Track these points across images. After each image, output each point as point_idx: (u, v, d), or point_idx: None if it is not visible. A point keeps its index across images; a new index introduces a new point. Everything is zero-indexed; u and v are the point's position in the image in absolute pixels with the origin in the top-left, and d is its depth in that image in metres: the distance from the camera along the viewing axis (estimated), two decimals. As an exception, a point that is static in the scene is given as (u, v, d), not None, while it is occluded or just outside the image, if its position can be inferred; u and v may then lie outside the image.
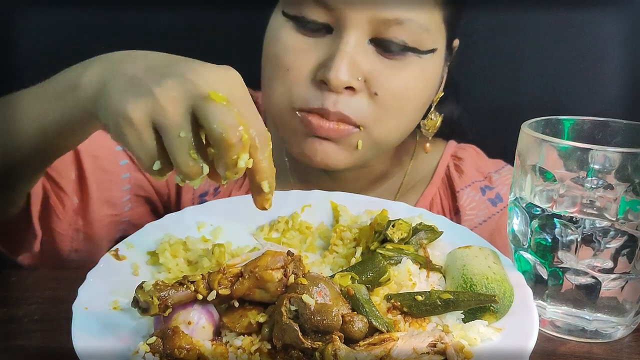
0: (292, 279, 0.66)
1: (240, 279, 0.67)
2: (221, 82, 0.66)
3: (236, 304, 0.68)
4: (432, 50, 0.97)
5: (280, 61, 0.96)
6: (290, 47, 0.95)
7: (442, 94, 1.07)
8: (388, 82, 0.94)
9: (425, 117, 1.07)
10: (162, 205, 1.14)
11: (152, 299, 0.64)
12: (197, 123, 0.65)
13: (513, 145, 0.82)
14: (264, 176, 0.68)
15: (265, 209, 0.70)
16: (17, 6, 1.26)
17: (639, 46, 1.25)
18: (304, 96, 0.95)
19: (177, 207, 1.14)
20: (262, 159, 0.67)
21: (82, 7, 1.28)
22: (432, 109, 1.07)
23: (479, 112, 1.20)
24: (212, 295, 0.67)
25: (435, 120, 1.08)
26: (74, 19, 1.29)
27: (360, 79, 0.93)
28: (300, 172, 1.14)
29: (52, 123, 0.76)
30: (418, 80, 0.97)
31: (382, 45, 0.94)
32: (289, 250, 0.70)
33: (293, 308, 0.63)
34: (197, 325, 0.66)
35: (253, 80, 1.21)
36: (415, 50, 0.95)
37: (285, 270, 0.67)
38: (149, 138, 0.65)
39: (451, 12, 0.99)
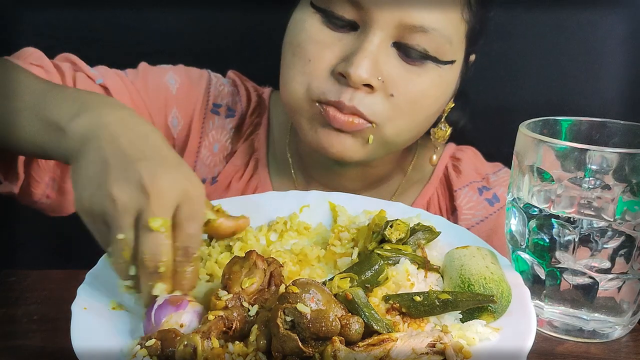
0: (282, 288, 0.66)
1: None
2: (173, 190, 0.69)
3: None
4: (451, 62, 0.98)
5: (302, 51, 0.97)
6: (314, 39, 0.96)
7: (453, 105, 1.08)
8: (405, 85, 0.96)
9: (435, 125, 1.08)
10: None
11: None
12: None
13: (510, 146, 0.83)
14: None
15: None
16: (17, 6, 1.26)
17: (638, 47, 1.25)
18: (322, 88, 0.96)
19: None
20: (183, 272, 0.71)
21: (82, 7, 1.28)
22: (442, 119, 1.08)
23: (476, 113, 1.20)
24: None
25: (445, 130, 1.09)
26: (73, 19, 1.29)
27: (380, 78, 0.94)
28: (301, 164, 1.15)
29: (23, 140, 0.81)
30: (434, 88, 0.99)
31: (404, 50, 0.95)
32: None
33: (288, 318, 0.63)
34: (188, 327, 0.66)
35: (254, 78, 1.23)
36: (435, 60, 0.96)
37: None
38: (103, 227, 0.69)
39: (474, 28, 1.01)
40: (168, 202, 0.68)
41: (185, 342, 0.62)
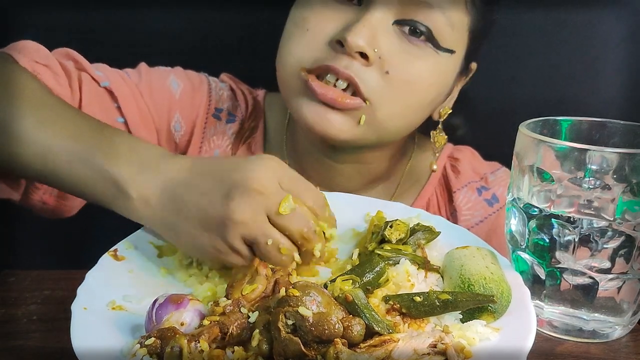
0: (282, 291, 0.66)
1: None
2: (273, 174, 0.76)
3: None
4: (450, 51, 0.98)
5: (303, 22, 0.97)
6: (316, 10, 0.97)
7: (450, 111, 1.07)
8: (401, 64, 0.95)
9: (434, 128, 1.08)
10: None
11: None
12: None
13: (510, 146, 0.83)
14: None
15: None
16: (18, 6, 1.26)
17: (638, 47, 1.25)
18: (316, 55, 0.95)
19: None
20: (327, 218, 0.80)
21: (82, 7, 1.28)
22: (440, 125, 1.08)
23: (475, 113, 1.20)
24: None
25: (444, 137, 1.09)
26: (73, 19, 1.29)
27: (376, 50, 0.94)
28: (299, 167, 1.14)
29: (82, 192, 0.82)
30: (430, 74, 0.98)
31: (406, 26, 0.95)
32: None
33: (290, 322, 0.63)
34: (189, 326, 0.66)
35: (253, 80, 1.22)
36: (434, 43, 0.96)
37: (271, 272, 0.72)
38: (246, 252, 0.75)
39: (477, 25, 1.01)
40: (273, 188, 0.75)
41: (173, 344, 0.62)
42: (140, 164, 0.79)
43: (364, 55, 0.93)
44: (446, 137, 1.09)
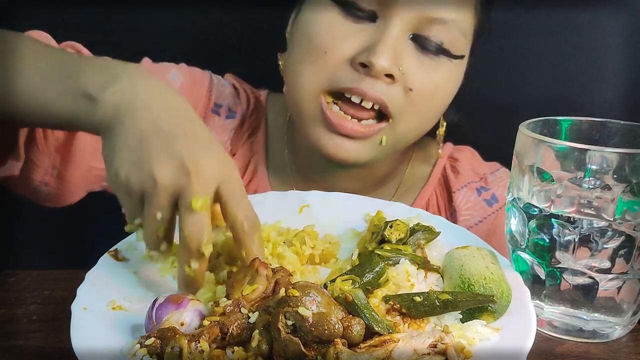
0: (282, 292, 0.66)
1: None
2: (219, 173, 0.70)
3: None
4: (462, 57, 0.99)
5: (318, 43, 0.96)
6: (332, 30, 0.95)
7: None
8: (422, 79, 0.96)
9: (437, 126, 1.09)
10: None
11: None
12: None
13: (510, 146, 0.83)
14: (250, 257, 0.73)
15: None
16: (18, 6, 1.26)
17: (638, 47, 1.25)
18: (339, 76, 0.95)
19: None
20: (251, 242, 0.73)
21: (82, 7, 1.28)
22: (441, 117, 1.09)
23: (476, 113, 1.20)
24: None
25: (444, 125, 1.10)
26: (74, 19, 1.29)
27: (400, 69, 0.94)
28: (300, 167, 1.14)
29: (51, 111, 0.77)
30: (446, 83, 1.00)
31: (420, 42, 0.95)
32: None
33: (290, 322, 0.63)
34: (189, 326, 0.66)
35: (253, 80, 1.22)
36: (448, 54, 0.97)
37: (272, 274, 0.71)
38: (136, 202, 0.70)
39: (482, 25, 1.02)
40: (209, 181, 0.69)
41: (173, 345, 0.62)
42: (111, 77, 0.74)
43: (389, 75, 0.93)
44: (444, 124, 1.10)
